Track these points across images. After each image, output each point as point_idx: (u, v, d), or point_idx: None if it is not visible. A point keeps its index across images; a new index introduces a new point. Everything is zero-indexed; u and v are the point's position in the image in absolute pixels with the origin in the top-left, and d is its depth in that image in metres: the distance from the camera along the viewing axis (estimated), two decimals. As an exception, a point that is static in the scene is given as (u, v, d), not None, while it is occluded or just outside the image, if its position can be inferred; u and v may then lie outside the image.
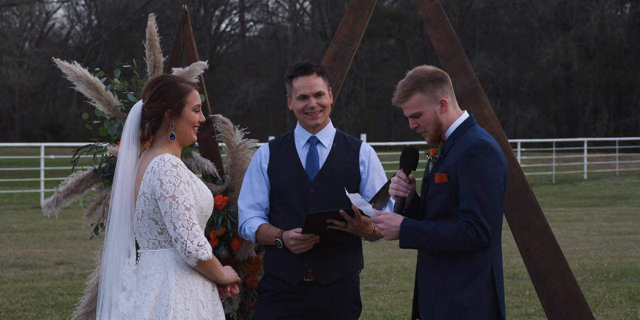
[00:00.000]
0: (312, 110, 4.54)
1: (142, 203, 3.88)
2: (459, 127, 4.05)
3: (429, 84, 4.03)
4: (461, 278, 3.94)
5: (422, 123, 4.05)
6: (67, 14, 54.12)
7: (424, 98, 4.03)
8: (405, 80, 4.09)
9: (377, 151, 4.89)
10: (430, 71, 4.08)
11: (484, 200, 3.88)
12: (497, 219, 3.95)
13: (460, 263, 3.95)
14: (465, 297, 3.93)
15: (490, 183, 3.90)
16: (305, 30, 52.47)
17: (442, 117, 4.04)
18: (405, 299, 9.31)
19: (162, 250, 3.90)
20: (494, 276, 3.98)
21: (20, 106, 47.24)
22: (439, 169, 4.01)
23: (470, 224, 3.87)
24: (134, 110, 3.95)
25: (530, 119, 46.43)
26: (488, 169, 3.91)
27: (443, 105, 4.04)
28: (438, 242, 3.91)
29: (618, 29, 47.18)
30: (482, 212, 3.87)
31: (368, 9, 5.23)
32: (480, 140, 3.96)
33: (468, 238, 3.87)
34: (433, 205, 4.02)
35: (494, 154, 3.94)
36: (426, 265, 4.07)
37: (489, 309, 3.96)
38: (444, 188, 3.97)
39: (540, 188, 25.12)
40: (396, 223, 3.99)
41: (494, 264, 3.99)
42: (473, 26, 49.30)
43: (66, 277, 10.68)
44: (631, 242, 13.71)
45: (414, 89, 4.04)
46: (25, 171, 26.15)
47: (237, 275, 4.06)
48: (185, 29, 5.23)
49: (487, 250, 3.97)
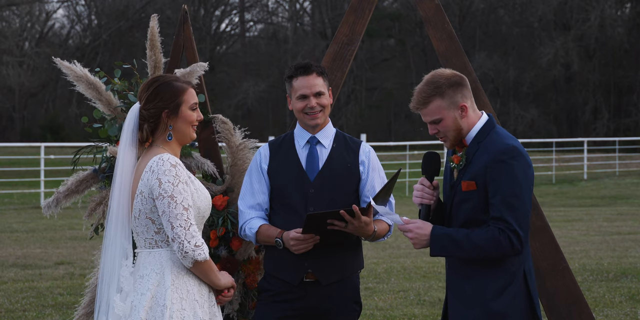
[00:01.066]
0: (312, 110, 4.54)
1: (139, 202, 3.87)
2: (480, 130, 3.95)
3: (449, 89, 3.92)
4: (495, 285, 3.86)
5: (443, 129, 3.95)
6: (67, 14, 54.20)
7: (443, 104, 3.92)
8: (423, 86, 3.96)
9: (377, 151, 4.89)
10: (449, 75, 3.96)
11: (516, 206, 3.80)
12: (529, 223, 3.87)
13: (493, 270, 3.87)
14: (501, 304, 3.84)
15: (521, 188, 3.81)
16: (305, 30, 52.46)
17: (462, 122, 3.94)
18: (405, 299, 9.31)
19: (159, 250, 3.89)
20: (527, 278, 3.90)
21: (20, 106, 47.24)
22: (465, 177, 3.91)
23: (503, 231, 3.79)
24: (131, 113, 3.95)
25: (530, 119, 46.43)
26: (518, 174, 3.82)
27: (463, 110, 3.94)
28: (470, 250, 3.83)
29: (618, 29, 47.17)
30: (515, 218, 3.79)
31: (368, 9, 5.23)
32: (507, 144, 3.87)
33: (501, 245, 3.79)
34: (461, 213, 3.93)
35: (522, 157, 3.85)
36: (457, 272, 3.97)
37: (524, 312, 3.88)
38: (473, 195, 3.88)
39: (540, 188, 25.11)
40: (426, 231, 3.89)
41: (526, 266, 3.92)
42: (473, 26, 49.29)
43: (66, 277, 10.68)
44: (631, 242, 13.71)
45: (433, 95, 3.92)
46: (25, 171, 26.15)
47: (233, 281, 4.03)
48: (185, 29, 5.23)
49: (520, 255, 3.89)
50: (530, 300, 3.90)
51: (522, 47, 48.43)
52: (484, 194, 3.85)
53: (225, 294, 4.00)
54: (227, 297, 4.01)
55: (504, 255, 3.83)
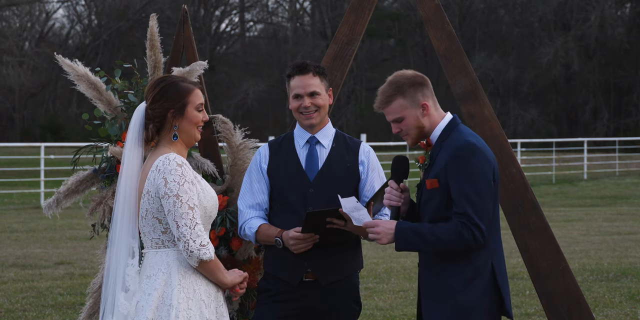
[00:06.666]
0: (306, 110, 4.53)
1: (146, 202, 3.88)
2: (444, 129, 4.07)
3: (410, 88, 4.05)
4: (462, 279, 3.94)
5: (405, 127, 4.08)
6: (67, 14, 54.14)
7: (405, 103, 4.05)
8: (385, 86, 4.10)
9: (377, 151, 4.89)
10: (410, 75, 4.10)
11: (474, 200, 3.89)
12: (491, 217, 3.96)
13: (460, 264, 3.95)
14: (468, 297, 3.93)
15: (479, 183, 3.91)
16: (305, 30, 52.46)
17: (424, 120, 4.07)
18: (405, 299, 9.31)
19: (166, 250, 3.90)
20: (496, 274, 3.98)
21: (20, 106, 47.23)
22: (429, 175, 4.03)
23: (465, 224, 3.88)
24: (137, 112, 3.95)
25: (530, 119, 46.43)
26: (475, 169, 3.92)
27: (425, 109, 4.06)
28: (433, 243, 3.92)
29: (618, 29, 47.17)
30: (475, 212, 3.89)
31: (368, 9, 5.23)
32: (465, 141, 3.97)
33: (464, 238, 3.88)
34: (428, 211, 4.04)
35: (479, 152, 3.95)
36: (426, 268, 4.07)
37: (492, 306, 3.96)
38: (437, 193, 3.99)
39: (540, 188, 25.11)
40: (391, 225, 4.00)
41: (495, 261, 3.99)
42: (473, 26, 49.29)
43: (66, 277, 10.68)
44: (631, 242, 13.71)
45: (394, 94, 4.06)
46: (25, 171, 26.15)
47: (243, 276, 4.02)
48: (185, 29, 5.23)
49: (485, 249, 3.97)
50: (499, 295, 3.98)
51: (522, 47, 48.43)
52: (447, 191, 3.96)
53: (237, 291, 4.01)
54: (241, 288, 4.01)
55: (467, 248, 3.92)
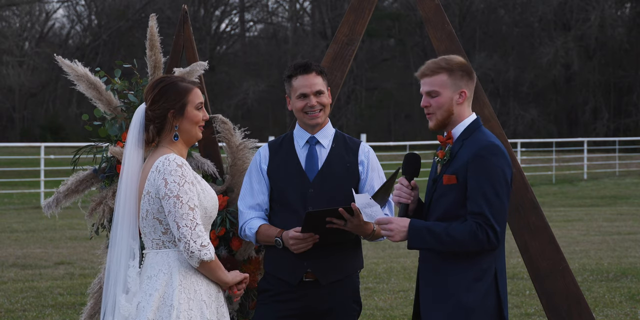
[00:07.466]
0: (312, 108, 4.54)
1: (146, 202, 3.88)
2: (467, 127, 4.04)
3: (460, 71, 4.04)
4: (466, 279, 3.93)
5: (435, 104, 4.04)
6: (67, 14, 54.15)
7: (448, 81, 4.02)
8: (438, 59, 4.08)
9: (376, 151, 4.89)
10: (465, 62, 4.09)
11: (493, 201, 3.88)
12: (505, 220, 3.96)
13: (465, 265, 3.94)
14: (471, 298, 3.92)
15: (499, 184, 3.90)
16: (305, 30, 52.45)
17: (456, 107, 4.04)
18: (405, 299, 9.31)
19: (166, 250, 3.90)
20: (498, 277, 3.98)
21: (20, 106, 47.23)
22: (447, 171, 4.00)
23: (481, 225, 3.86)
24: (137, 114, 3.95)
25: (530, 119, 46.42)
26: (498, 170, 3.91)
27: (462, 96, 4.03)
28: (448, 243, 3.90)
29: (618, 29, 47.16)
30: (492, 213, 3.87)
31: (368, 9, 5.23)
32: (489, 141, 3.96)
33: (478, 239, 3.86)
34: (440, 207, 4.01)
35: (502, 155, 3.94)
36: (429, 267, 4.05)
37: (492, 310, 3.96)
38: (453, 189, 3.96)
39: (540, 188, 25.11)
40: (405, 223, 3.97)
41: (498, 265, 3.99)
42: (473, 26, 49.28)
43: (66, 277, 10.68)
44: (631, 242, 13.71)
45: (444, 68, 4.03)
46: (25, 171, 26.15)
47: (242, 276, 4.02)
48: (185, 29, 5.23)
49: (493, 252, 3.96)
50: (499, 299, 3.98)
51: (522, 47, 48.42)
52: (463, 189, 3.93)
53: (235, 292, 4.01)
54: (239, 289, 4.01)
55: (480, 249, 3.90)
